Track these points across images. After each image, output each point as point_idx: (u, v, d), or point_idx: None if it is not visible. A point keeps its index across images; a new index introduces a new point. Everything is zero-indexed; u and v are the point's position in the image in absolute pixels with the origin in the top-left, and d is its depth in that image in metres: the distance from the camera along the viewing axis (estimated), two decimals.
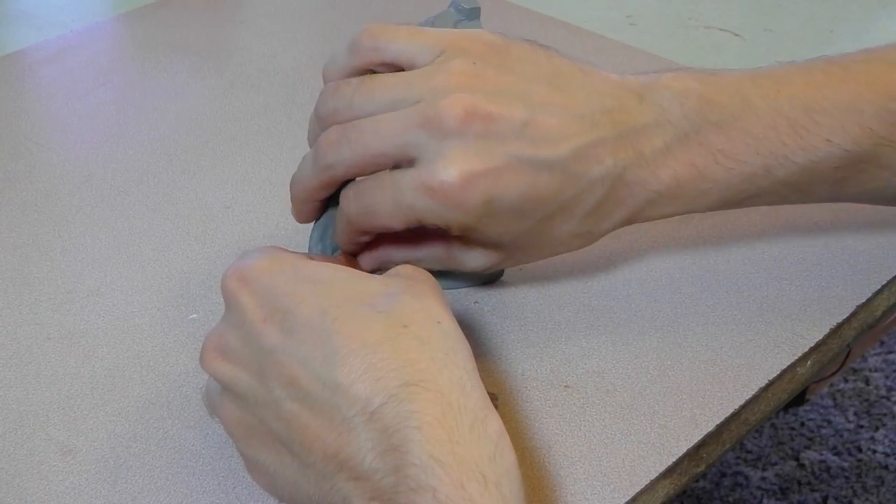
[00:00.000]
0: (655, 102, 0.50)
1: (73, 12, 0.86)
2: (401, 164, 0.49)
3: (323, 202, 0.53)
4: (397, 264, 0.48)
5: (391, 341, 0.41)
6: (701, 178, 0.51)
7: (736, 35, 0.83)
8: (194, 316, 0.57)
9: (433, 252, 0.53)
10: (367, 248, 0.54)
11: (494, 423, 0.40)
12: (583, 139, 0.48)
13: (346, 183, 0.52)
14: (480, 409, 0.40)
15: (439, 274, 0.58)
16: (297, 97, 0.75)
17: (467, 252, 0.52)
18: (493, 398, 0.50)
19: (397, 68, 0.50)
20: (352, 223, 0.50)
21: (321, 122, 0.50)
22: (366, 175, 0.50)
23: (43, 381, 0.53)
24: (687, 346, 0.55)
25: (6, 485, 0.48)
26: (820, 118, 0.51)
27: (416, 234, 0.53)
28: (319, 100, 0.51)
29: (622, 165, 0.49)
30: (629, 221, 0.52)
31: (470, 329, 0.56)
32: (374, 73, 0.50)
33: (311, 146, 0.52)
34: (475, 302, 0.58)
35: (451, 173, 0.46)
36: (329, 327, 0.41)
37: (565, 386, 0.53)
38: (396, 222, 0.49)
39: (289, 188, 0.53)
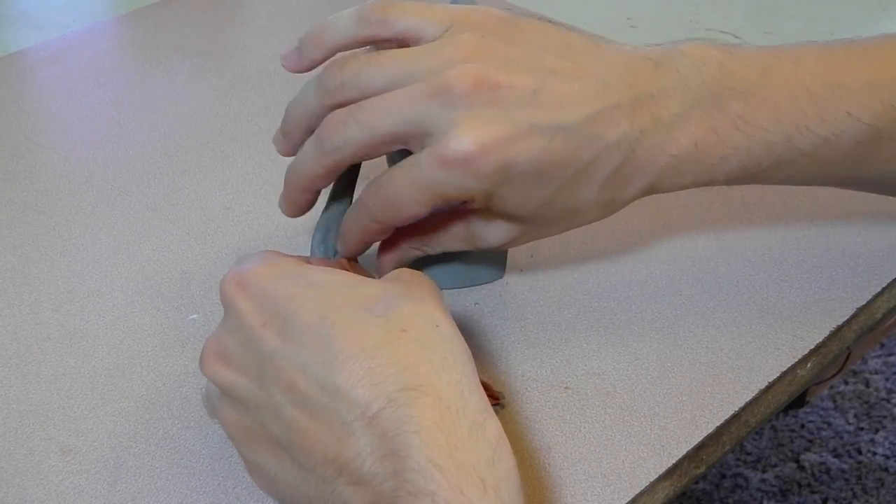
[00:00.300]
0: (672, 68, 0.50)
1: (73, 13, 0.86)
2: (410, 144, 0.48)
3: (317, 195, 0.53)
4: (419, 256, 0.48)
5: (390, 345, 0.41)
6: (721, 144, 0.50)
7: (736, 37, 0.83)
8: (194, 316, 0.57)
9: (453, 233, 0.53)
10: (383, 248, 0.54)
11: (493, 426, 0.40)
12: (597, 104, 0.48)
13: (346, 179, 0.52)
14: (479, 412, 0.40)
15: (444, 272, 0.58)
16: None
17: (488, 226, 0.52)
18: (500, 397, 0.50)
19: (402, 44, 0.49)
20: (377, 220, 0.50)
21: (326, 96, 0.50)
22: (374, 157, 0.50)
23: (43, 381, 0.53)
24: (687, 347, 0.55)
25: (6, 484, 0.48)
26: (840, 91, 0.51)
27: (433, 222, 0.53)
28: (324, 73, 0.50)
29: (639, 129, 0.48)
30: (652, 189, 0.51)
31: (470, 331, 0.56)
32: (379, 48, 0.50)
33: (288, 133, 0.52)
34: (476, 303, 0.58)
35: (465, 142, 0.46)
36: (328, 332, 0.41)
37: (565, 387, 0.53)
38: (421, 206, 0.48)
39: (285, 179, 0.52)
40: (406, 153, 0.49)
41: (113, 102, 0.75)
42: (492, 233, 0.52)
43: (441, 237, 0.53)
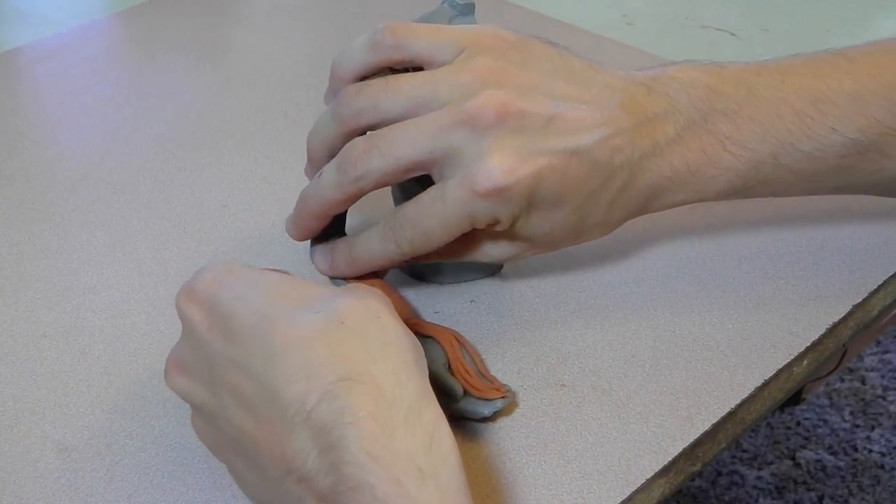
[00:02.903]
0: (663, 93, 0.51)
1: (69, 10, 0.86)
2: (433, 171, 0.49)
3: (328, 220, 0.53)
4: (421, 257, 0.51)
5: (326, 337, 0.40)
6: (710, 164, 0.51)
7: (732, 34, 0.83)
8: None
9: (455, 249, 0.53)
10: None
11: (430, 411, 0.40)
12: (604, 130, 0.49)
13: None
14: (416, 398, 0.40)
15: (440, 268, 0.58)
16: (294, 95, 0.75)
17: (494, 245, 0.53)
18: (507, 390, 0.50)
19: (416, 67, 0.50)
20: (406, 254, 0.51)
21: (342, 125, 0.50)
22: (395, 183, 0.51)
23: (39, 378, 0.53)
24: (683, 345, 0.55)
25: (2, 482, 0.48)
26: (825, 107, 0.52)
27: None
28: (340, 102, 0.51)
29: (639, 154, 0.50)
30: (643, 210, 0.53)
31: (466, 327, 0.56)
32: (394, 72, 0.50)
33: (315, 164, 0.52)
34: (471, 301, 0.58)
35: (497, 171, 0.47)
36: (266, 329, 0.41)
37: (561, 385, 0.53)
38: (451, 236, 0.50)
39: (299, 204, 0.53)
40: (417, 178, 0.50)
41: (109, 100, 0.75)
42: (496, 250, 0.53)
43: (441, 251, 0.53)
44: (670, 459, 0.49)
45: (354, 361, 0.40)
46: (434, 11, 0.53)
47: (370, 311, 0.42)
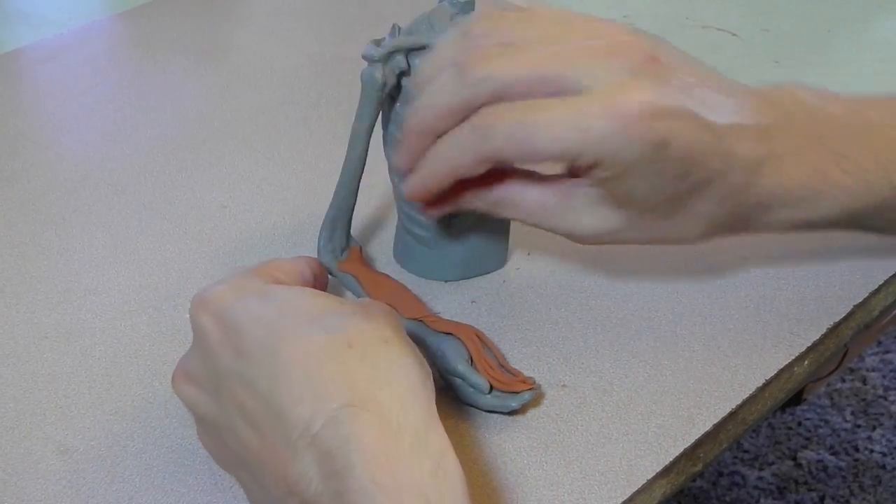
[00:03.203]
0: (780, 106, 0.50)
1: (69, 11, 0.86)
2: (564, 89, 0.46)
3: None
4: (494, 209, 0.49)
5: (334, 361, 0.40)
6: (824, 182, 0.50)
7: (733, 35, 0.83)
8: None
9: (546, 205, 0.50)
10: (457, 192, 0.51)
11: (436, 438, 0.39)
12: (738, 118, 0.48)
13: (354, 174, 0.51)
14: (422, 424, 0.39)
15: (445, 263, 0.58)
16: (295, 96, 0.75)
17: (589, 209, 0.50)
18: (532, 382, 0.50)
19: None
20: (490, 155, 0.47)
21: (474, 95, 0.47)
22: (513, 100, 0.47)
23: (40, 379, 0.53)
24: (684, 345, 0.55)
25: (3, 483, 0.48)
26: None
27: (526, 186, 0.51)
28: (470, 53, 0.47)
29: (762, 156, 0.49)
30: (747, 224, 0.51)
31: None
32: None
33: (425, 133, 0.49)
34: (472, 301, 0.58)
35: (640, 101, 0.45)
36: (275, 346, 0.41)
37: (562, 385, 0.53)
38: (556, 152, 0.46)
39: (424, 165, 0.49)
40: None
41: (109, 101, 0.75)
42: (589, 218, 0.50)
43: (527, 205, 0.50)
44: (671, 460, 0.49)
45: (360, 388, 0.40)
46: (434, 10, 0.53)
47: (379, 334, 0.42)
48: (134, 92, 0.76)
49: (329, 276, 0.57)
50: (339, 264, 0.57)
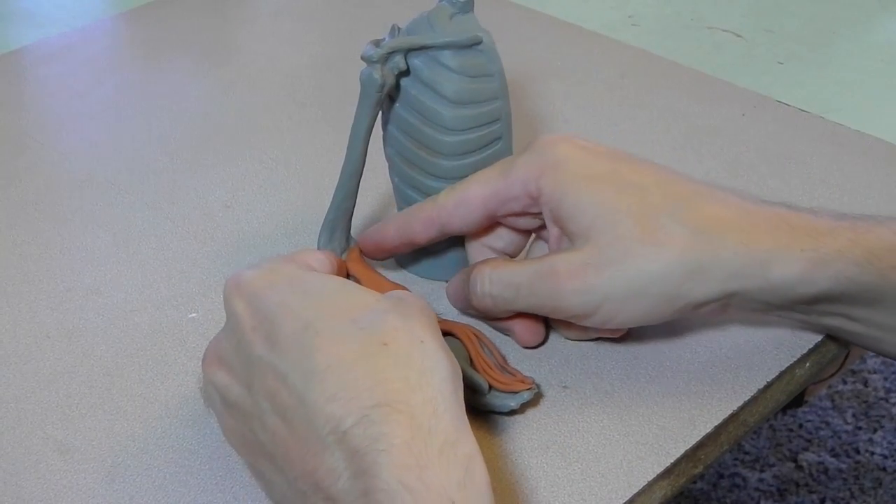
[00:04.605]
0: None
1: (74, 10, 0.86)
2: None
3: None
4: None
5: (368, 359, 0.40)
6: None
7: (737, 35, 0.83)
8: (193, 315, 0.57)
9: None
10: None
11: (466, 445, 0.39)
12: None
13: (353, 176, 0.52)
14: (452, 431, 0.39)
15: (444, 266, 0.58)
16: (298, 96, 0.75)
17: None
18: (532, 382, 0.50)
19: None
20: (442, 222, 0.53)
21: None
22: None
23: (41, 379, 0.53)
24: (685, 347, 0.55)
25: (4, 483, 0.48)
26: None
27: None
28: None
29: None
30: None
31: None
32: None
33: None
34: None
35: None
36: (310, 342, 0.41)
37: (564, 386, 0.53)
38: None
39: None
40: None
41: (113, 100, 0.75)
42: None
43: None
44: (672, 461, 0.49)
45: (394, 389, 0.40)
46: (433, 10, 0.54)
47: (414, 335, 0.42)
48: (137, 92, 0.76)
49: None
50: (338, 261, 0.57)
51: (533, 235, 0.55)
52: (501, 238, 0.55)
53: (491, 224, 0.54)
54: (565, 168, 0.50)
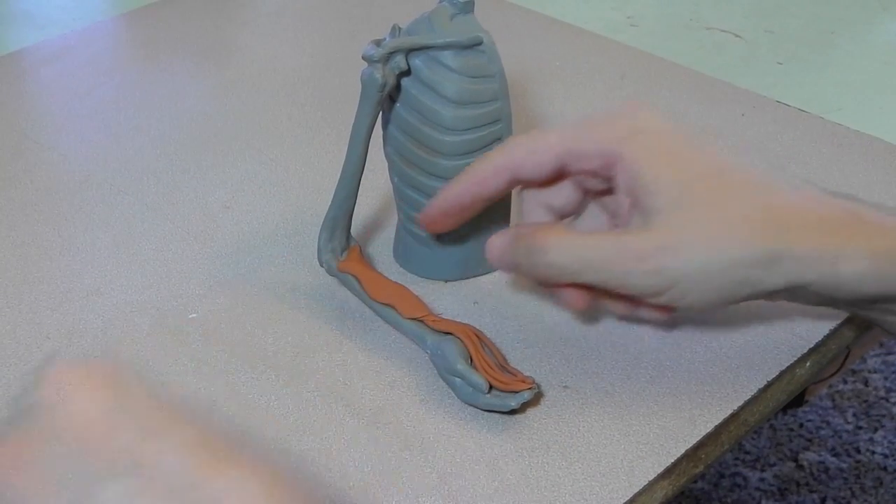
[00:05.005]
0: None
1: (74, 12, 0.86)
2: None
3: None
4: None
5: None
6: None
7: (737, 36, 0.83)
8: (193, 315, 0.57)
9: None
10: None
11: None
12: None
13: (354, 176, 0.52)
14: None
15: (445, 264, 0.58)
16: (298, 97, 0.75)
17: None
18: (532, 382, 0.51)
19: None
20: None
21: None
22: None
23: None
24: (686, 346, 0.55)
25: None
26: None
27: None
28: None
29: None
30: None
31: None
32: None
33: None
34: (474, 303, 0.58)
35: None
36: None
37: (564, 386, 0.53)
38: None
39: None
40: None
41: (113, 101, 0.75)
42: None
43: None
44: (673, 461, 0.49)
45: None
46: (434, 10, 0.54)
47: None
48: (137, 93, 0.76)
49: (329, 277, 0.57)
50: (339, 264, 0.57)
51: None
52: (561, 195, 0.53)
53: (552, 181, 0.52)
54: (648, 139, 0.49)
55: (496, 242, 0.52)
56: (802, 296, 0.49)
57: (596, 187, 0.52)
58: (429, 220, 0.54)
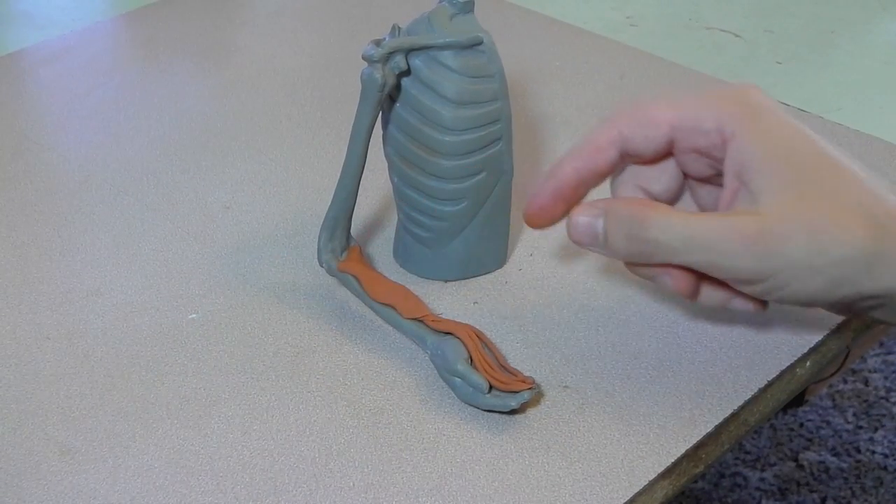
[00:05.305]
0: None
1: (74, 12, 0.86)
2: None
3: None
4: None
5: None
6: None
7: (736, 36, 0.83)
8: (194, 316, 0.57)
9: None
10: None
11: None
12: None
13: (353, 176, 0.51)
14: None
15: (445, 263, 0.58)
16: (298, 97, 0.75)
17: None
18: (532, 382, 0.51)
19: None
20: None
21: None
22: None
23: (42, 380, 0.53)
24: (686, 346, 0.55)
25: (5, 484, 0.48)
26: None
27: None
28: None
29: None
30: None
31: None
32: None
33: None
34: (474, 302, 0.58)
35: None
36: None
37: (564, 386, 0.53)
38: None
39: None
40: None
41: (113, 102, 0.75)
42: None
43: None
44: (673, 461, 0.49)
45: None
46: (434, 10, 0.54)
47: None
48: (137, 93, 0.76)
49: (329, 277, 0.57)
50: (339, 264, 0.57)
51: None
52: (662, 178, 0.51)
53: (658, 158, 0.50)
54: (765, 120, 0.47)
55: (581, 217, 0.49)
56: (891, 306, 0.48)
57: (700, 172, 0.50)
58: (537, 210, 0.51)
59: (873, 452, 1.57)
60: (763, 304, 0.51)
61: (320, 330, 0.56)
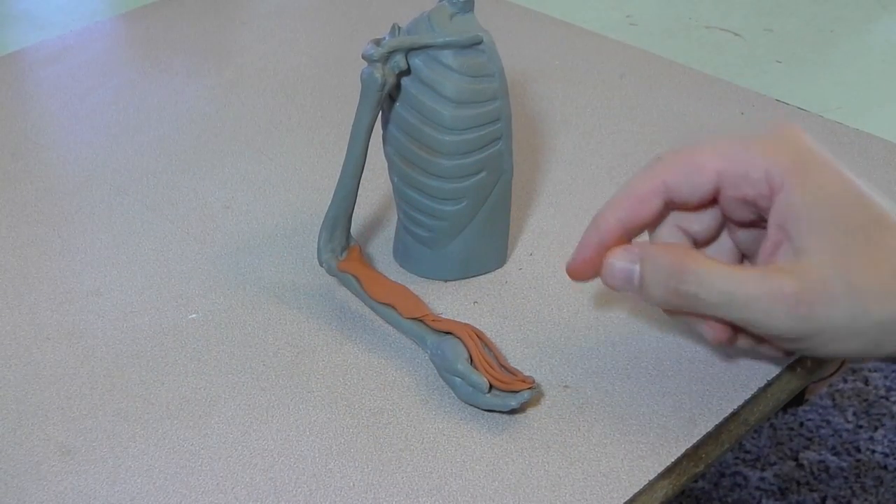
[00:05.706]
0: None
1: (73, 12, 0.86)
2: None
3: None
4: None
5: None
6: None
7: (736, 35, 0.83)
8: (194, 316, 0.57)
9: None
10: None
11: None
12: None
13: (353, 175, 0.51)
14: None
15: (445, 263, 0.58)
16: (297, 97, 0.75)
17: None
18: (532, 381, 0.51)
19: None
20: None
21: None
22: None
23: (42, 381, 0.53)
24: (686, 346, 0.55)
25: (5, 485, 0.48)
26: None
27: None
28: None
29: None
30: None
31: None
32: None
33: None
34: (474, 302, 0.58)
35: None
36: None
37: (564, 386, 0.53)
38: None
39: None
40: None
41: (112, 102, 0.75)
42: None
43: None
44: (673, 461, 0.49)
45: None
46: (434, 10, 0.54)
47: None
48: (137, 93, 0.76)
49: (329, 277, 0.57)
50: (339, 264, 0.57)
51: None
52: (701, 220, 0.50)
53: (703, 206, 0.49)
54: (815, 172, 0.46)
55: (617, 262, 0.48)
56: None
57: (742, 217, 0.49)
58: (580, 264, 0.50)
59: (873, 452, 1.57)
60: (792, 352, 0.51)
61: (320, 330, 0.56)
